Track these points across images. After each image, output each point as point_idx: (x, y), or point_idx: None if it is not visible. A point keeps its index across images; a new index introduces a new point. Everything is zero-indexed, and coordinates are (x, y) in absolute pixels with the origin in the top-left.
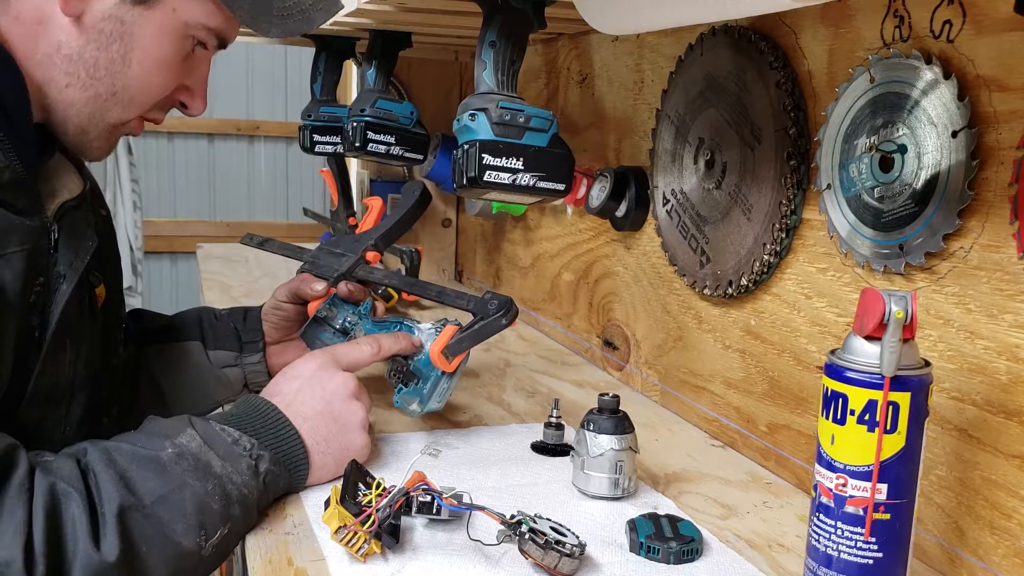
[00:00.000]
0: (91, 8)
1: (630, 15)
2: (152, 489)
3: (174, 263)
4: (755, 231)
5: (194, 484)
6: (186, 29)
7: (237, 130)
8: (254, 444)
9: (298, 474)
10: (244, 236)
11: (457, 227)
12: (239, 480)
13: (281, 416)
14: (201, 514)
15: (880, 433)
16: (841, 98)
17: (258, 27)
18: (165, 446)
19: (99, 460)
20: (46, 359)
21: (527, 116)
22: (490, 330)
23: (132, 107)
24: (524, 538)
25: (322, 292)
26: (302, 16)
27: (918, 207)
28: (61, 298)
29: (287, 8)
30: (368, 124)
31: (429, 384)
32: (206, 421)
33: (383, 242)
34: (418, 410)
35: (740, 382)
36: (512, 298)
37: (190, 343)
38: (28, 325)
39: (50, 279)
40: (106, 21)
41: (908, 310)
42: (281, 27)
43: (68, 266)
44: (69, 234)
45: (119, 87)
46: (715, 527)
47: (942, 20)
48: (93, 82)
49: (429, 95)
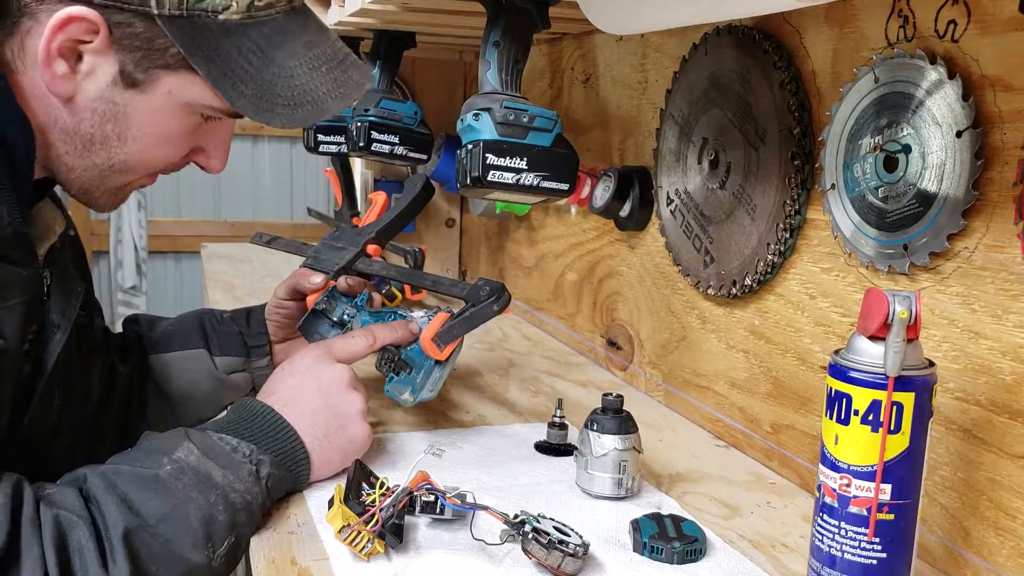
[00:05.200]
0: (83, 89)
1: (634, 15)
2: (155, 508)
3: (178, 263)
4: (759, 231)
5: (197, 498)
6: (189, 107)
7: (241, 130)
8: (253, 450)
9: (300, 473)
10: (254, 236)
11: (461, 227)
12: (242, 488)
13: (278, 418)
14: (207, 527)
15: (884, 433)
16: (845, 98)
17: (262, 119)
18: (163, 463)
19: (99, 486)
20: (36, 407)
21: (531, 116)
22: (482, 316)
23: (134, 174)
24: (527, 538)
25: (320, 285)
26: (314, 106)
27: (922, 207)
28: (56, 347)
29: (296, 98)
30: (372, 124)
31: (422, 373)
32: (202, 432)
33: (384, 235)
34: (410, 399)
35: (744, 382)
36: (504, 284)
37: (195, 351)
38: (21, 372)
39: (44, 327)
40: (98, 102)
41: (912, 310)
42: (288, 117)
43: (61, 315)
44: (60, 280)
45: (116, 160)
46: (719, 527)
47: (946, 20)
48: (90, 154)
49: (433, 95)
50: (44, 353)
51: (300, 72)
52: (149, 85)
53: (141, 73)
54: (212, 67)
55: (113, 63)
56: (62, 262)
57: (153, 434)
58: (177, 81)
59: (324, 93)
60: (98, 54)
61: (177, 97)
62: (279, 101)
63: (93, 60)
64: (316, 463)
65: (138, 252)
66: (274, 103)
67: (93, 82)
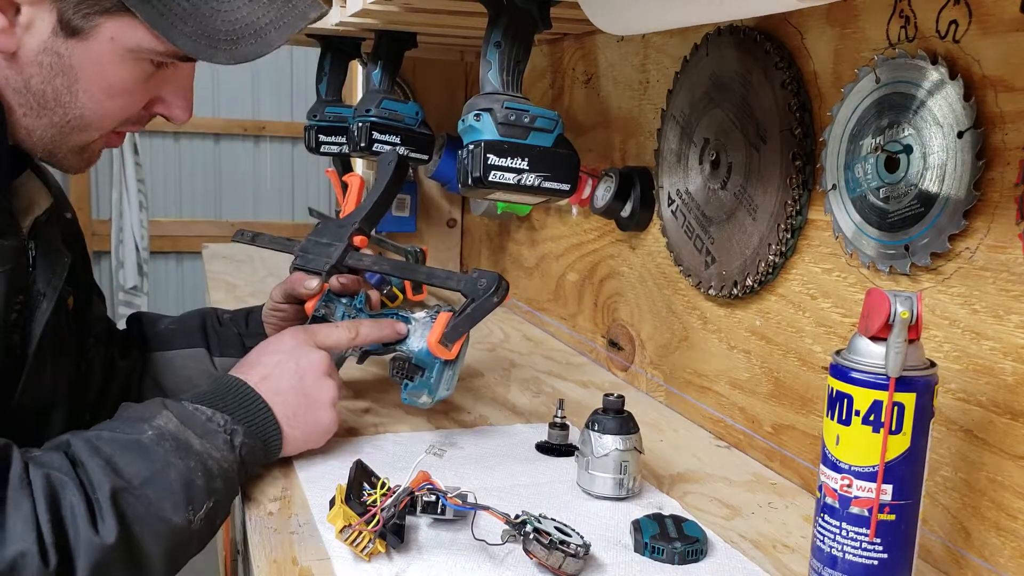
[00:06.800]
0: (24, 43)
1: (635, 15)
2: (139, 471)
3: (180, 263)
4: (760, 231)
5: (177, 463)
6: (136, 54)
7: (243, 130)
8: (227, 420)
9: (273, 445)
10: (236, 234)
11: (462, 227)
12: (218, 455)
13: (251, 391)
14: (187, 490)
15: (885, 434)
16: (847, 98)
17: (204, 56)
18: (144, 429)
19: (84, 449)
20: (28, 376)
21: (532, 116)
22: (483, 310)
23: (92, 131)
24: (528, 538)
25: (316, 288)
26: (257, 39)
27: (924, 208)
28: (42, 316)
29: (237, 32)
30: (373, 124)
31: (434, 374)
32: (179, 402)
33: (368, 223)
34: (428, 402)
35: (745, 383)
36: (500, 273)
37: (195, 350)
38: (9, 343)
39: (30, 296)
40: (43, 55)
41: (913, 311)
42: (231, 53)
43: (47, 284)
44: (45, 251)
45: (72, 116)
46: (720, 528)
47: (948, 20)
48: (46, 112)
49: (434, 95)
50: (32, 323)
51: (240, 4)
52: (90, 32)
53: (80, 20)
54: (148, 7)
55: (51, 11)
56: (48, 235)
57: (131, 404)
58: (118, 26)
59: (267, 24)
60: (35, 4)
61: (120, 43)
62: (220, 37)
63: (31, 11)
64: (286, 438)
65: (139, 252)
66: (215, 39)
67: (34, 34)
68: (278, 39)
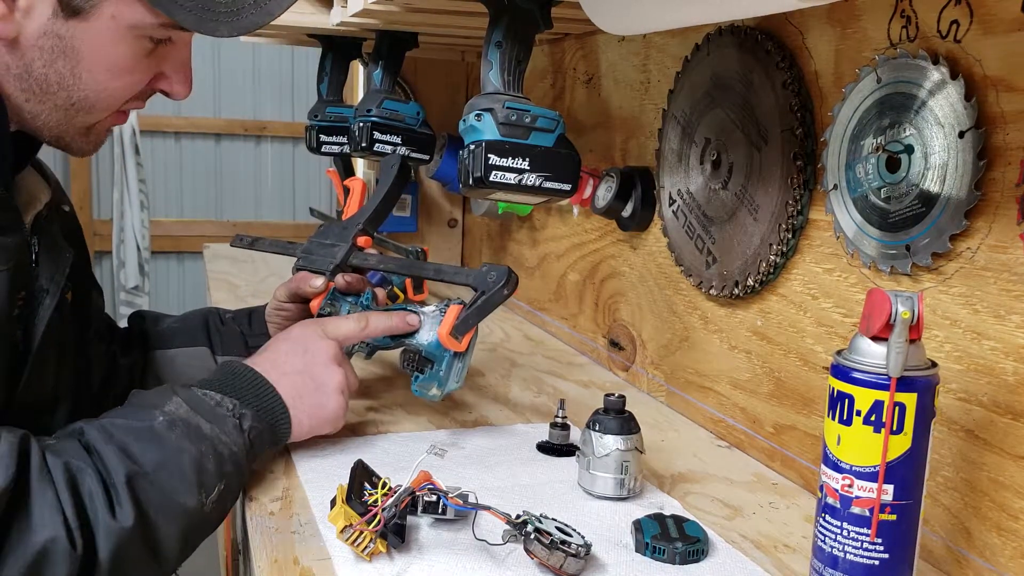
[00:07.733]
0: (24, 28)
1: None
2: (152, 457)
3: (181, 263)
4: (761, 231)
5: (189, 448)
6: (136, 31)
7: (244, 130)
8: (236, 404)
9: (281, 428)
10: (234, 238)
11: (463, 227)
12: (227, 440)
13: (258, 376)
14: (199, 474)
15: (886, 434)
16: (848, 98)
17: (205, 29)
18: (155, 415)
19: (98, 437)
20: (32, 372)
21: (533, 116)
22: (493, 302)
23: (97, 111)
24: (530, 538)
25: (321, 287)
26: (257, 8)
27: (925, 208)
28: (45, 312)
29: (237, 2)
30: (374, 124)
31: (444, 366)
32: (188, 389)
33: (371, 225)
34: (438, 394)
35: (746, 382)
36: (510, 267)
37: (198, 348)
38: (12, 338)
39: (32, 293)
40: (44, 38)
41: (914, 311)
42: (232, 25)
43: (50, 280)
44: (48, 247)
45: (77, 98)
46: (721, 528)
47: (949, 20)
48: (49, 96)
49: (435, 95)
50: (35, 319)
51: None
52: (91, 12)
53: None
54: None
55: None
56: (50, 230)
57: (141, 392)
58: (118, 4)
59: None
60: None
61: (121, 21)
62: (220, 9)
63: None
64: (293, 421)
65: (141, 252)
66: (216, 11)
67: (33, 18)
68: (278, 8)
